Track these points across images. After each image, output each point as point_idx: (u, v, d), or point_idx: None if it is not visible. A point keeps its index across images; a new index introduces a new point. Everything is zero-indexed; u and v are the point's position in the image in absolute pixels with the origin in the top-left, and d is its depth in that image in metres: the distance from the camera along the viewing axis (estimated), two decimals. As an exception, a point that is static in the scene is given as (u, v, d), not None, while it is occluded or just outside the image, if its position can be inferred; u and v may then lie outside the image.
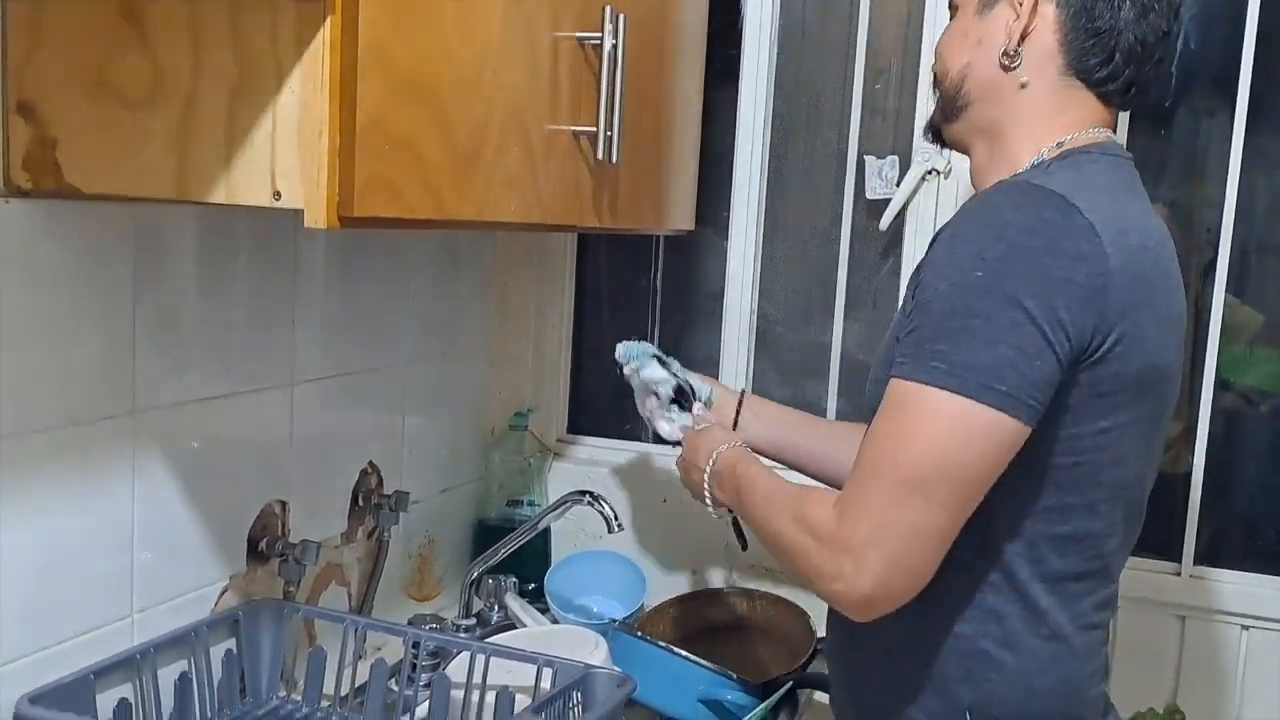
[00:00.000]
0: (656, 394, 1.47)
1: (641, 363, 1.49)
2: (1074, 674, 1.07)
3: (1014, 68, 1.10)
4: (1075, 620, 1.07)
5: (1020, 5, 1.09)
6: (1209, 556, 1.64)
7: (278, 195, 0.92)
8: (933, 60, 1.21)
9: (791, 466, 1.45)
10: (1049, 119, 1.10)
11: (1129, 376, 1.01)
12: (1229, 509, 1.65)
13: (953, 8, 1.19)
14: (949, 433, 0.96)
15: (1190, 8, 1.61)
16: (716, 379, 1.62)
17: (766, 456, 1.39)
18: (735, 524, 1.39)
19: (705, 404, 1.47)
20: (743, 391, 1.51)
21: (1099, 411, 1.01)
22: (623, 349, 1.51)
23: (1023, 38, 1.09)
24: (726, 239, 1.84)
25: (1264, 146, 1.59)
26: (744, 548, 1.42)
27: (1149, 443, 1.09)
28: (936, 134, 1.22)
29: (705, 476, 1.29)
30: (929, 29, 1.69)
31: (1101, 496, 1.05)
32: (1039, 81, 1.10)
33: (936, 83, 1.20)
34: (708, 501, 1.30)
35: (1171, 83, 1.62)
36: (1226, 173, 1.59)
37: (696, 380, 1.49)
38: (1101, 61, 1.09)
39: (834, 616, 1.20)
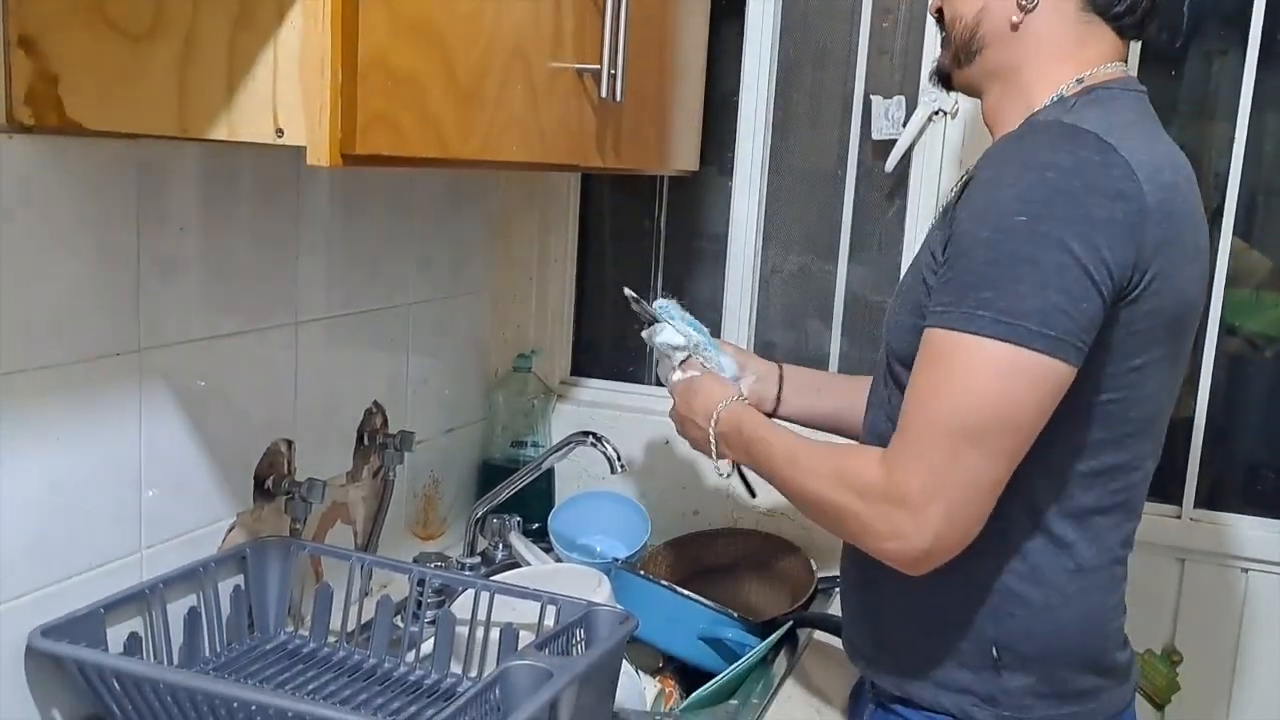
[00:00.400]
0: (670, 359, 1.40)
1: (656, 328, 1.40)
2: (1098, 607, 1.09)
3: (1031, 9, 1.09)
4: (1101, 554, 1.08)
5: None
6: (1210, 500, 1.65)
7: (280, 132, 0.91)
8: (934, 3, 1.19)
9: (829, 431, 1.44)
10: (1066, 57, 1.09)
11: (1162, 313, 1.01)
12: (1231, 453, 1.66)
13: None
14: (1002, 381, 0.96)
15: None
16: (741, 347, 1.55)
17: (805, 425, 1.39)
18: (741, 474, 1.38)
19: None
20: (780, 365, 1.46)
21: (1133, 348, 1.02)
22: (653, 305, 1.42)
23: None
24: (731, 180, 1.83)
25: (1275, 88, 1.57)
26: (753, 495, 1.40)
27: (1173, 378, 1.09)
28: (945, 79, 1.20)
29: (711, 436, 1.27)
30: (938, -33, 1.67)
31: (1129, 431, 1.05)
32: (1055, 20, 1.09)
33: (943, 28, 1.18)
34: (714, 459, 1.28)
35: (1183, 23, 1.60)
36: (1236, 115, 1.57)
37: (726, 358, 1.39)
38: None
39: (851, 555, 1.21)
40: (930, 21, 1.67)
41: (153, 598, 1.20)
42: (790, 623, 1.48)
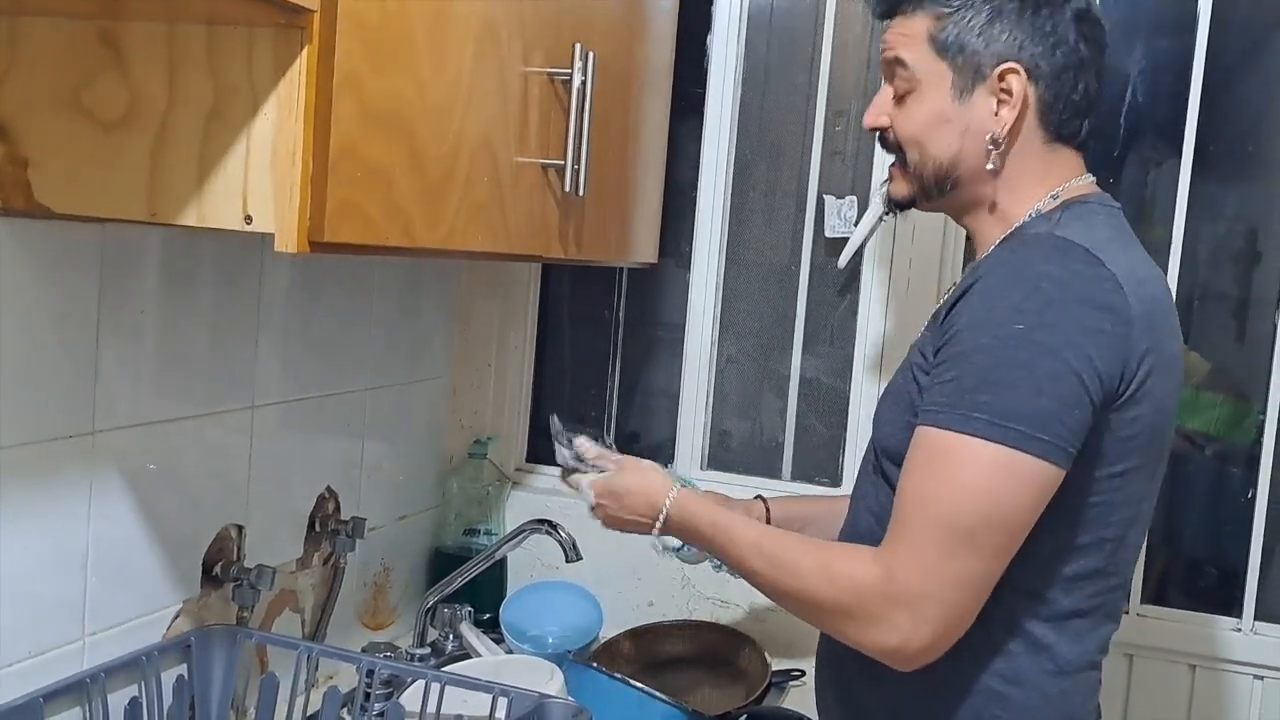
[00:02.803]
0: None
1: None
2: (1078, 710, 1.10)
3: (1000, 150, 1.12)
4: (1080, 656, 1.09)
5: (1007, 93, 1.10)
6: (1157, 597, 1.68)
7: (249, 219, 0.93)
8: (890, 136, 1.18)
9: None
10: (1038, 181, 1.14)
11: (1144, 421, 1.04)
12: (1175, 550, 1.69)
13: (902, 78, 1.15)
14: (997, 482, 0.98)
15: (1138, 61, 1.66)
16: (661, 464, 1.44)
17: None
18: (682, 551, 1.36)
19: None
20: (764, 502, 1.41)
21: (1116, 455, 1.04)
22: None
23: (1014, 125, 1.11)
24: (689, 272, 1.87)
25: (1209, 195, 1.65)
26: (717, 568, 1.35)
27: (1151, 485, 1.12)
28: (904, 207, 1.22)
29: (655, 532, 1.25)
30: (889, 73, 1.73)
31: (1108, 536, 1.07)
32: (1025, 152, 1.13)
33: (888, 148, 1.19)
34: (652, 538, 1.26)
35: (1120, 133, 1.67)
36: (1173, 221, 1.64)
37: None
38: (1080, 123, 1.14)
39: (826, 651, 1.21)
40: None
41: (93, 688, 1.16)
42: (744, 716, 1.47)
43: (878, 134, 1.20)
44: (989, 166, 1.12)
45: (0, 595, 1.08)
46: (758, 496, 1.44)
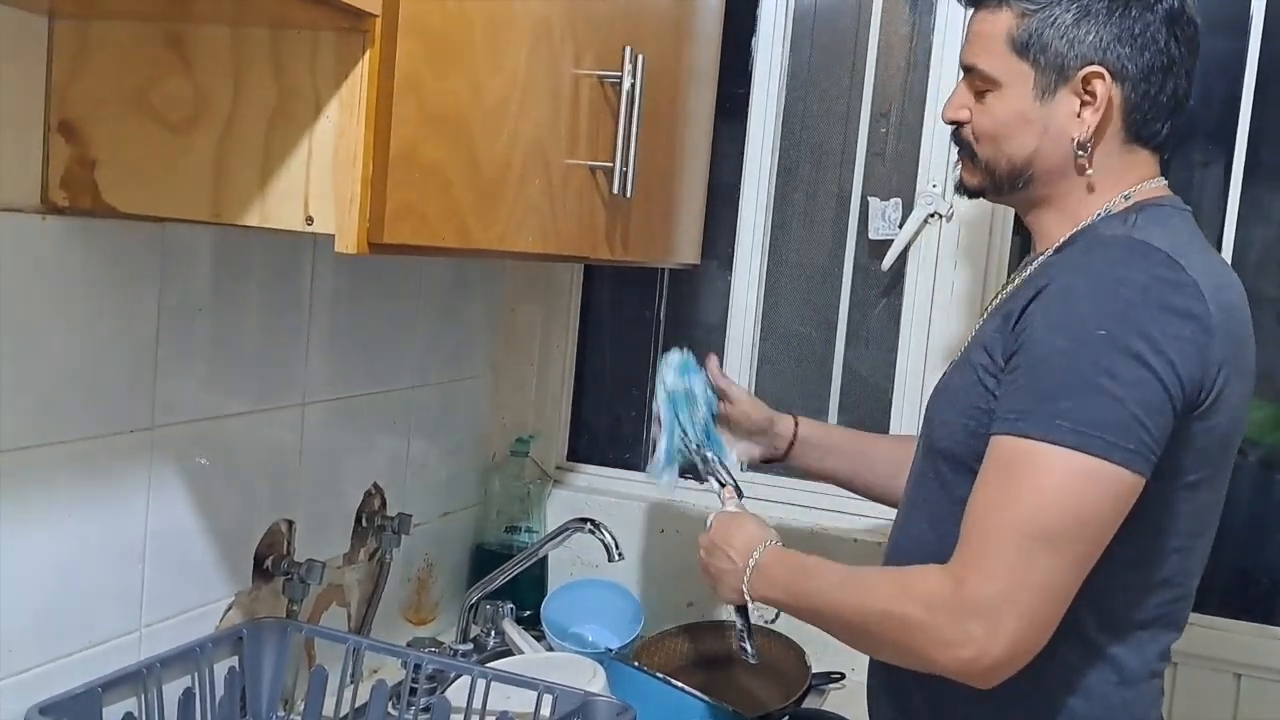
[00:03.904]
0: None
1: (674, 394, 1.40)
2: (1148, 709, 1.09)
3: (1088, 154, 1.10)
4: (1143, 666, 1.08)
5: (1091, 95, 1.09)
6: (1200, 604, 1.65)
7: (310, 220, 0.94)
8: (965, 131, 1.17)
9: (842, 485, 1.47)
10: (1114, 182, 1.12)
11: (1218, 431, 1.03)
12: (1220, 558, 1.66)
13: (982, 77, 1.14)
14: (1079, 490, 0.96)
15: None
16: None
17: (818, 479, 1.42)
18: (746, 629, 1.34)
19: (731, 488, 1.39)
20: (795, 419, 1.48)
21: (1190, 465, 1.03)
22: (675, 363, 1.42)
23: (1098, 128, 1.09)
24: (730, 273, 1.87)
25: (1258, 199, 1.63)
26: (754, 659, 1.35)
27: (1220, 493, 1.10)
28: (973, 195, 1.21)
29: (747, 571, 1.22)
30: (934, 75, 1.73)
31: (1176, 545, 1.06)
32: (1103, 153, 1.11)
33: (973, 155, 1.17)
34: (742, 593, 1.22)
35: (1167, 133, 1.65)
36: (1222, 225, 1.63)
37: (729, 461, 1.41)
38: (1163, 124, 1.11)
39: (881, 671, 1.20)
40: (926, 128, 1.73)
41: (149, 678, 1.18)
42: (785, 718, 1.47)
43: (952, 127, 1.20)
44: (1088, 170, 1.10)
45: (63, 585, 1.11)
46: (789, 414, 1.47)
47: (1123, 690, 1.07)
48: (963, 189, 1.22)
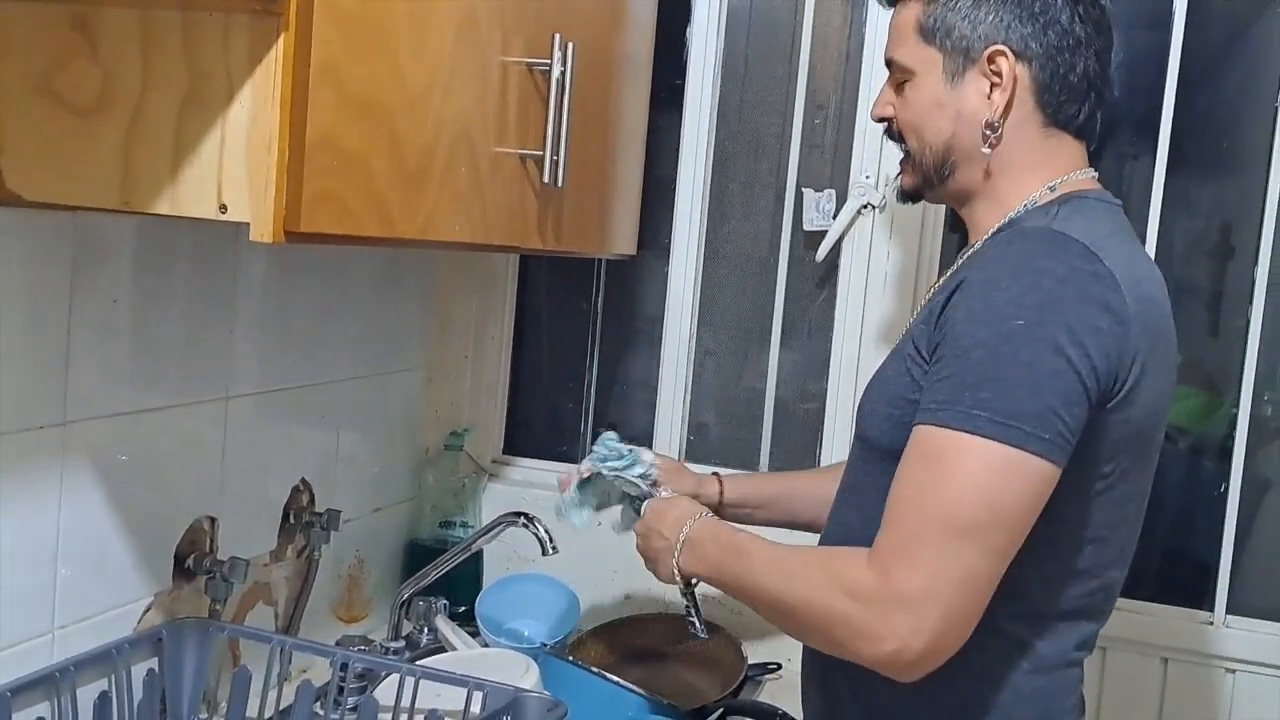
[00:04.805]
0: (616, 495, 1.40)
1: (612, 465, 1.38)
2: (1055, 709, 1.09)
3: (997, 134, 1.11)
4: (1059, 655, 1.08)
5: (997, 75, 1.10)
6: (1131, 589, 1.69)
7: (224, 208, 0.91)
8: (890, 124, 1.21)
9: (778, 525, 1.45)
10: (1036, 169, 1.13)
11: (1134, 422, 1.04)
12: (1148, 542, 1.69)
13: (899, 69, 1.18)
14: (998, 479, 0.96)
15: (1115, 55, 1.66)
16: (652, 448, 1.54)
17: (753, 521, 1.40)
18: (692, 606, 1.31)
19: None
20: (715, 474, 1.46)
21: (1104, 455, 1.04)
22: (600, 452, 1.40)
23: (1006, 108, 1.11)
24: (668, 264, 1.86)
25: (1184, 189, 1.65)
26: (704, 634, 1.33)
27: (1139, 488, 1.11)
28: (914, 198, 1.23)
29: (677, 545, 1.21)
30: (867, 67, 1.74)
31: (1091, 536, 1.06)
32: (1021, 139, 1.12)
33: (893, 138, 1.21)
34: (674, 571, 1.22)
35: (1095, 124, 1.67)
36: (1148, 215, 1.65)
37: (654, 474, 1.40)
38: (1079, 107, 1.12)
39: (810, 659, 1.20)
40: (860, 119, 1.74)
41: (62, 682, 1.14)
42: (721, 710, 1.47)
43: (884, 126, 1.22)
44: (984, 150, 1.11)
45: (-32, 588, 1.07)
46: (714, 473, 1.45)
47: (1035, 678, 1.08)
48: (904, 196, 1.23)
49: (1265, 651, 1.61)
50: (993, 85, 1.11)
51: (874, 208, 1.74)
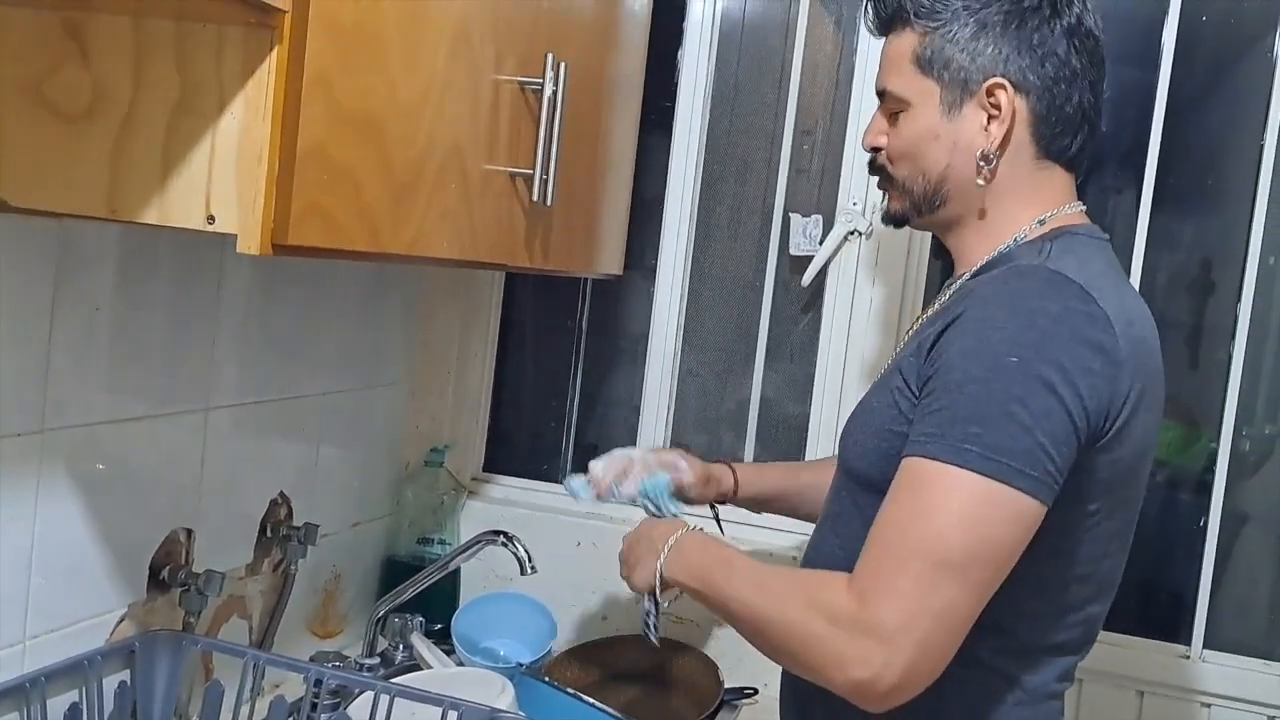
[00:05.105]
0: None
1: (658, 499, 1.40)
2: None
3: (992, 166, 1.12)
4: (1041, 688, 1.08)
5: (995, 107, 1.10)
6: (1108, 621, 1.68)
7: (212, 219, 0.91)
8: (878, 153, 1.20)
9: (783, 514, 1.48)
10: (1027, 201, 1.13)
11: (1123, 462, 1.04)
12: (1126, 575, 1.69)
13: (893, 99, 1.17)
14: (983, 514, 0.95)
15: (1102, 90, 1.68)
16: (638, 435, 1.57)
17: (762, 510, 1.42)
18: (653, 610, 1.28)
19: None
20: (731, 468, 1.47)
21: (1092, 494, 1.04)
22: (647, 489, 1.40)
23: (1003, 140, 1.11)
24: (653, 284, 1.86)
25: (1167, 225, 1.67)
26: (658, 643, 1.30)
27: (1127, 521, 1.11)
28: (899, 223, 1.22)
29: (664, 550, 1.20)
30: (856, 94, 1.75)
31: (1075, 573, 1.06)
32: (1014, 170, 1.12)
33: (891, 180, 1.19)
34: (655, 573, 1.20)
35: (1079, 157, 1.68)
36: (1132, 250, 1.66)
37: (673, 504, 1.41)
38: (1073, 139, 1.13)
39: (789, 686, 1.19)
40: (848, 145, 1.75)
41: (32, 692, 1.13)
42: (696, 733, 1.46)
43: (870, 155, 1.21)
44: (978, 182, 1.12)
45: (-62, 596, 1.05)
46: (726, 463, 1.47)
47: (1020, 710, 1.07)
48: (889, 219, 1.22)
49: (1242, 686, 1.62)
50: (990, 117, 1.11)
51: (860, 234, 1.74)
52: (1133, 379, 1.02)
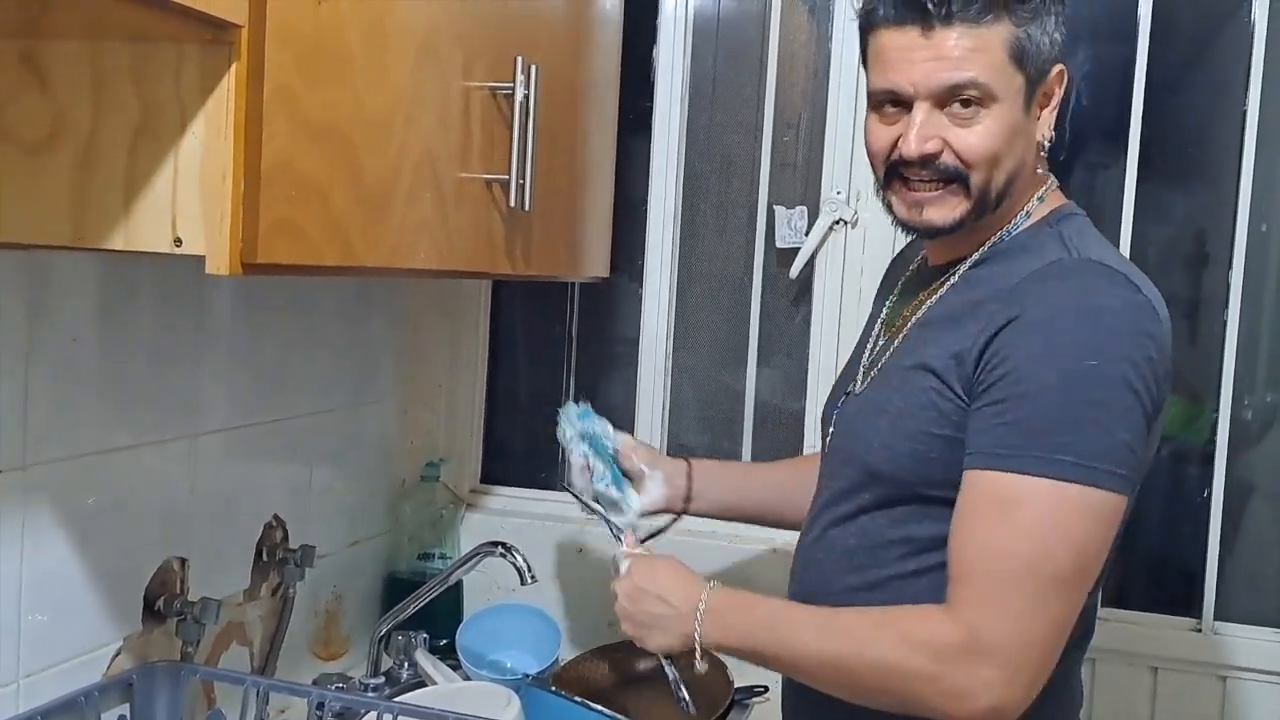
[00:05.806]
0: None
1: (578, 437, 1.38)
2: (1072, 714, 1.12)
3: (1044, 153, 1.11)
4: (1071, 677, 1.10)
5: (1048, 96, 1.08)
6: (1118, 599, 1.68)
7: (178, 242, 0.89)
8: (946, 159, 1.05)
9: (744, 521, 1.44)
10: (1031, 181, 1.12)
11: (1153, 446, 1.04)
12: (1133, 552, 1.69)
13: (980, 92, 1.03)
14: (1086, 524, 0.96)
15: (1081, 65, 1.67)
16: (632, 435, 1.48)
17: (718, 518, 1.39)
18: (679, 680, 1.26)
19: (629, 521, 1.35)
20: (688, 461, 1.42)
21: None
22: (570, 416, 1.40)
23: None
24: (641, 286, 1.85)
25: (1156, 198, 1.65)
26: (693, 710, 1.28)
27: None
28: (949, 230, 1.08)
29: (697, 617, 1.11)
30: (834, 82, 1.73)
31: (1107, 557, 1.05)
32: (1036, 162, 1.12)
33: (959, 183, 1.06)
34: (693, 640, 1.12)
35: (1066, 137, 1.67)
36: (1120, 224, 1.64)
37: (632, 495, 1.37)
38: (1060, 135, 1.14)
39: (789, 688, 1.17)
40: (829, 135, 1.73)
41: (29, 731, 1.12)
42: (706, 736, 1.44)
43: (920, 159, 1.05)
44: (1038, 171, 1.11)
45: (-73, 639, 1.04)
46: (681, 457, 1.42)
47: (1056, 701, 1.06)
48: (934, 231, 1.08)
49: (1255, 657, 1.60)
50: (1046, 105, 1.09)
51: (846, 223, 1.73)
52: (1168, 359, 1.02)
